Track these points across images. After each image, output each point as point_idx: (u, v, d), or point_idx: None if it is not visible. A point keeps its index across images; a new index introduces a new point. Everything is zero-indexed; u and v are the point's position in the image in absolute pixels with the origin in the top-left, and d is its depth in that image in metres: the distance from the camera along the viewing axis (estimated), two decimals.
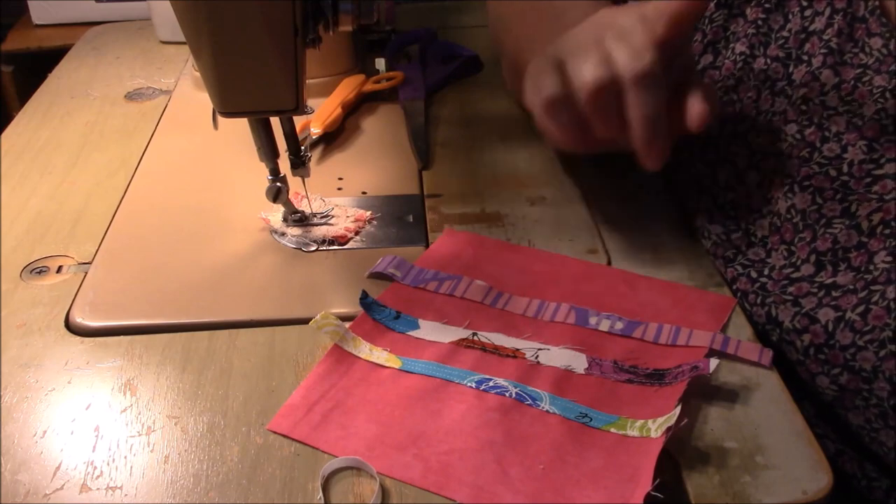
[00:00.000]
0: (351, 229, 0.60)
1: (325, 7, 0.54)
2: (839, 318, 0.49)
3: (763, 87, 0.56)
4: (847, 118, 0.51)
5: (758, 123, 0.56)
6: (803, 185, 0.53)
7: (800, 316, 0.50)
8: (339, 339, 0.49)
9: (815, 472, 0.40)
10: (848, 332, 0.48)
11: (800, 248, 0.52)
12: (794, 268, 0.52)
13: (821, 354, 0.49)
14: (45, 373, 0.47)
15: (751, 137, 0.56)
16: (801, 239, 0.52)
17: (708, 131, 0.59)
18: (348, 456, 0.42)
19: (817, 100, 0.53)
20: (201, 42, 0.50)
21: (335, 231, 0.59)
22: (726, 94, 0.59)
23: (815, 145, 0.52)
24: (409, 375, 0.47)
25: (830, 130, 0.52)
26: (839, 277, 0.50)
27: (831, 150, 0.52)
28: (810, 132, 0.53)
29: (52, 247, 0.59)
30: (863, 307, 0.48)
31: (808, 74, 0.54)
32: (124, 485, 0.40)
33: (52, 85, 0.86)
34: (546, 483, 0.41)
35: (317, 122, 0.71)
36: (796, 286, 0.51)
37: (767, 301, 0.52)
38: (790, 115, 0.54)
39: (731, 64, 0.59)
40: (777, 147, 0.55)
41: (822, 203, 0.52)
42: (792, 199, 0.53)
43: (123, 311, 0.52)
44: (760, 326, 0.52)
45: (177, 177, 0.68)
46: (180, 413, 0.44)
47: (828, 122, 0.52)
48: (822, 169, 0.52)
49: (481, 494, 0.40)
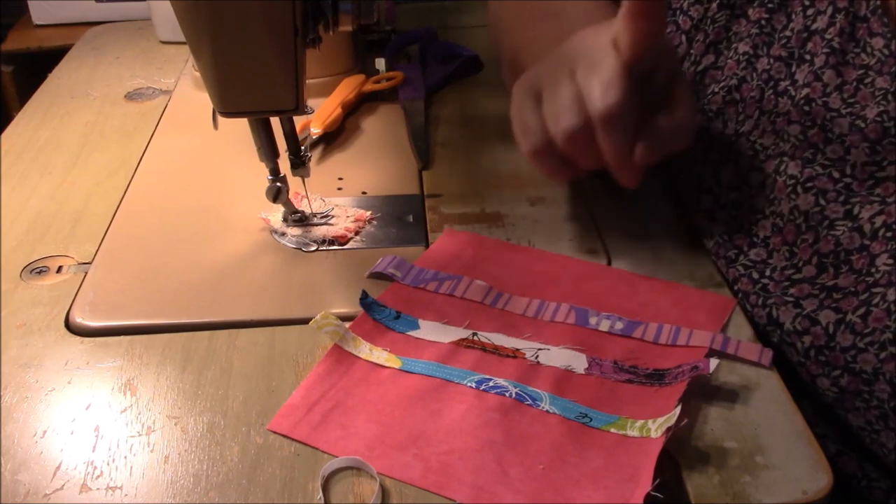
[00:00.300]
0: (351, 229, 0.60)
1: (325, 7, 0.54)
2: (840, 320, 0.49)
3: (766, 86, 0.56)
4: (850, 120, 0.51)
5: (761, 123, 0.56)
6: (806, 186, 0.53)
7: (801, 317, 0.50)
8: (339, 339, 0.49)
9: (815, 472, 0.40)
10: (848, 334, 0.48)
11: (802, 249, 0.52)
12: (795, 269, 0.52)
13: (821, 356, 0.49)
14: (45, 373, 0.47)
15: (754, 137, 0.57)
16: (803, 240, 0.52)
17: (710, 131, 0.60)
18: (348, 456, 0.42)
19: (820, 100, 0.53)
20: (201, 42, 0.50)
21: (335, 231, 0.59)
22: (729, 94, 0.59)
23: (819, 146, 0.53)
24: (409, 375, 0.47)
25: (833, 132, 0.52)
26: (840, 280, 0.50)
27: (834, 152, 0.52)
28: (813, 133, 0.53)
29: (52, 247, 0.59)
30: (863, 309, 0.48)
31: (811, 74, 0.54)
32: (124, 485, 0.40)
33: (52, 85, 0.86)
34: (546, 483, 0.41)
35: (317, 122, 0.71)
36: (797, 287, 0.51)
37: (769, 302, 0.52)
38: (794, 115, 0.54)
39: (733, 63, 0.59)
40: (780, 147, 0.55)
41: (824, 205, 0.52)
42: (795, 200, 0.53)
43: (123, 311, 0.52)
44: (761, 327, 0.52)
45: (177, 177, 0.68)
46: (180, 413, 0.44)
47: (830, 124, 0.52)
48: (825, 170, 0.52)
49: (481, 494, 0.40)
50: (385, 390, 0.46)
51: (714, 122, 0.60)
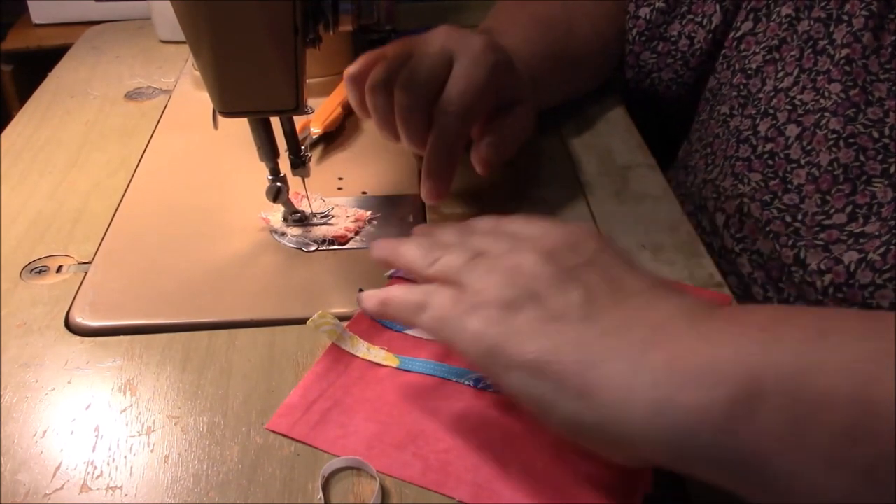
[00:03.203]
0: (351, 229, 0.60)
1: (325, 7, 0.54)
2: (861, 259, 0.50)
3: (806, 46, 0.59)
4: (888, 86, 0.54)
5: (801, 80, 0.58)
6: (849, 141, 0.55)
7: (827, 259, 0.52)
8: (337, 339, 0.49)
9: None
10: (868, 271, 0.50)
11: (836, 198, 0.55)
12: (825, 215, 0.55)
13: (839, 293, 0.51)
14: (45, 373, 0.47)
15: (793, 93, 0.59)
16: (838, 190, 0.55)
17: (748, 88, 0.65)
18: (347, 455, 0.42)
19: (860, 62, 0.55)
20: (201, 42, 0.50)
21: (335, 231, 0.59)
22: (769, 54, 0.62)
23: (860, 106, 0.55)
24: (406, 374, 0.47)
25: (874, 95, 0.54)
26: (868, 227, 0.53)
27: (875, 114, 0.54)
28: (855, 93, 0.55)
29: (52, 247, 0.59)
30: (884, 248, 0.50)
31: (850, 35, 0.56)
32: (124, 485, 0.40)
33: (51, 84, 0.86)
34: (545, 482, 0.41)
35: (317, 122, 0.71)
36: (827, 233, 0.54)
37: (798, 244, 0.55)
38: (834, 74, 0.56)
39: (775, 26, 0.63)
40: (820, 104, 0.57)
41: (864, 161, 0.54)
42: (836, 153, 0.55)
43: (123, 311, 0.52)
44: (786, 267, 0.54)
45: (177, 177, 0.68)
46: (180, 413, 0.44)
47: (871, 87, 0.54)
48: (866, 129, 0.54)
49: (481, 492, 0.40)
50: (383, 389, 0.46)
51: (752, 80, 0.64)
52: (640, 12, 0.75)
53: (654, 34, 0.75)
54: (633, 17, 0.76)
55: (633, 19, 0.76)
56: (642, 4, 0.75)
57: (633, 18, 0.76)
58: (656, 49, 0.75)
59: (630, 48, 0.76)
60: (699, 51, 0.72)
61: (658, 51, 0.75)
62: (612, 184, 0.65)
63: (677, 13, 0.74)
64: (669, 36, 0.74)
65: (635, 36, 0.76)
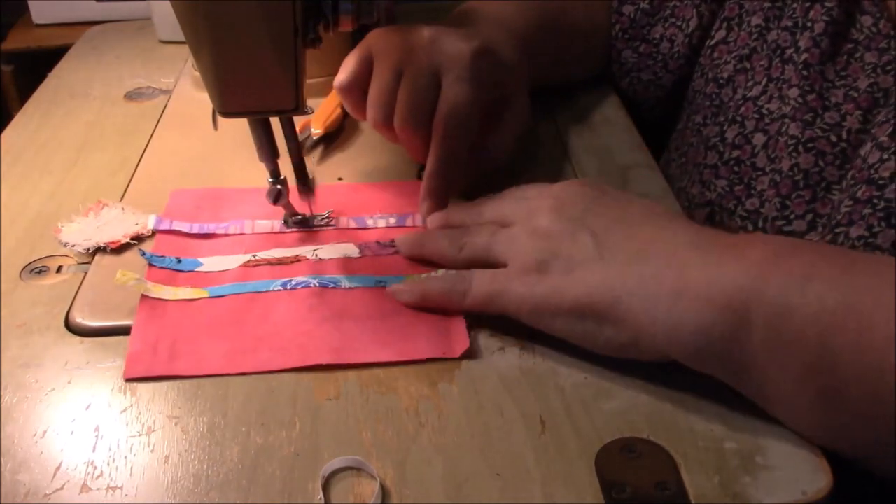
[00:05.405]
0: (129, 235, 0.59)
1: (325, 7, 0.54)
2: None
3: (774, 55, 0.60)
4: (844, 91, 0.55)
5: (768, 89, 0.59)
6: (808, 146, 0.56)
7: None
8: (144, 290, 0.51)
9: (815, 472, 0.40)
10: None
11: (796, 203, 0.55)
12: (785, 220, 0.55)
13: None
14: (45, 373, 0.47)
15: (761, 102, 0.59)
16: (799, 196, 0.55)
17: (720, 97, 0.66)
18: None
19: (817, 67, 0.55)
20: (201, 42, 0.50)
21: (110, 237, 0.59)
22: (740, 63, 0.63)
23: (818, 111, 0.55)
24: (221, 299, 0.51)
25: (830, 101, 0.54)
26: (827, 238, 0.53)
27: (832, 118, 0.55)
28: (812, 98, 0.56)
29: (52, 246, 0.58)
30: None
31: (811, 40, 0.56)
32: (124, 485, 0.40)
33: (51, 84, 0.86)
34: (384, 337, 0.47)
35: (317, 122, 0.71)
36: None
37: None
38: (793, 79, 0.57)
39: (746, 35, 0.63)
40: (782, 111, 0.57)
41: (823, 167, 0.55)
42: (796, 157, 0.56)
43: (124, 312, 0.52)
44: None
45: (177, 177, 0.67)
46: (180, 413, 0.44)
47: (827, 93, 0.55)
48: (824, 133, 0.55)
49: (341, 354, 0.46)
50: (209, 315, 0.50)
51: (724, 89, 0.65)
52: (624, 9, 0.75)
53: (636, 34, 0.75)
54: (615, 12, 0.76)
55: (616, 15, 0.76)
56: (626, 2, 0.75)
57: (616, 14, 0.76)
58: (638, 49, 0.76)
59: (613, 43, 0.77)
60: (677, 54, 0.73)
61: (640, 51, 0.76)
62: (612, 184, 0.65)
63: (661, 16, 0.74)
64: (652, 38, 0.75)
65: (618, 32, 0.76)
